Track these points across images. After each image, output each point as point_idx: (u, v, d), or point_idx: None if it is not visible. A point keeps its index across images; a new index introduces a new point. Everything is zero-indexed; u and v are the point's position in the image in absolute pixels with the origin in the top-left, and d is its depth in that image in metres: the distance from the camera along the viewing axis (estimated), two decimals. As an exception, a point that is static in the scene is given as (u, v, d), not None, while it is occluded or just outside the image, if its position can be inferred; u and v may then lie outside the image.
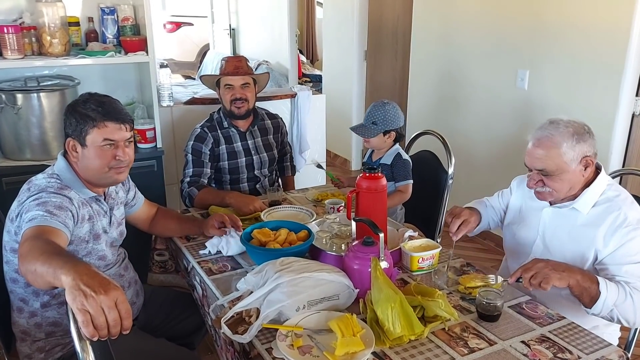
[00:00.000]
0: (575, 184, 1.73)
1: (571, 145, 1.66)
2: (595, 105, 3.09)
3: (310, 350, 1.39)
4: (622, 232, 1.66)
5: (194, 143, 2.57)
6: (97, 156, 1.72)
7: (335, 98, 5.30)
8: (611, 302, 1.59)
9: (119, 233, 1.92)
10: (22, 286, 1.71)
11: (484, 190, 3.87)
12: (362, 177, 1.86)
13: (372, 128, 2.41)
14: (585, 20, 3.07)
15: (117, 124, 1.73)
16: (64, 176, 1.73)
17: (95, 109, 1.71)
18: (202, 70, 6.45)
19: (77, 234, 1.69)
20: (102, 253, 1.79)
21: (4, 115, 2.66)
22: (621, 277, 1.64)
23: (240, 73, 2.56)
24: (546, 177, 1.72)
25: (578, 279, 1.59)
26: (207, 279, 1.80)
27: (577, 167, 1.69)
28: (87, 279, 1.14)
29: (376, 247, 1.60)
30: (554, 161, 1.68)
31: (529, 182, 1.78)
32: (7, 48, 2.61)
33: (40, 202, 1.59)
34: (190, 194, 2.45)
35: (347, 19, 5.24)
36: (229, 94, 2.56)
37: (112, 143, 1.73)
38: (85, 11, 2.99)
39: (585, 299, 1.61)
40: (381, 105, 2.42)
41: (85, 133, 1.70)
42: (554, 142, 1.67)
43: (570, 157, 1.67)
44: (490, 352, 1.43)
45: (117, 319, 1.13)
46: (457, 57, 4.01)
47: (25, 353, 1.76)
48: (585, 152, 1.68)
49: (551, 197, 1.77)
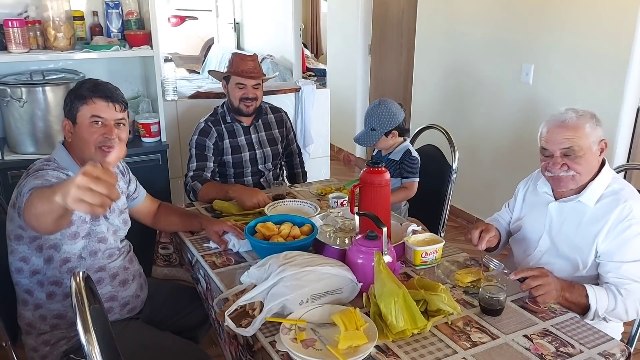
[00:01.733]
0: (592, 168, 1.74)
1: (593, 126, 1.71)
2: (600, 100, 3.08)
3: (313, 343, 1.39)
4: (624, 225, 1.67)
5: (198, 137, 2.58)
6: (86, 133, 1.73)
7: (339, 92, 5.29)
8: (602, 311, 1.64)
9: (121, 221, 1.93)
10: (28, 275, 1.73)
11: (488, 184, 3.89)
12: (365, 172, 1.86)
13: (372, 134, 2.43)
14: (591, 14, 3.06)
15: (106, 101, 1.74)
16: (60, 159, 1.76)
17: (88, 88, 1.74)
18: (206, 64, 6.45)
19: (78, 213, 1.70)
20: (101, 235, 1.80)
21: (10, 109, 2.67)
22: (617, 278, 1.65)
23: (255, 76, 2.56)
24: (570, 158, 1.71)
25: (566, 296, 1.62)
26: (211, 273, 1.81)
27: (596, 150, 1.72)
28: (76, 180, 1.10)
29: (379, 241, 1.61)
30: (581, 140, 1.70)
31: (553, 167, 1.74)
32: (12, 42, 2.62)
33: (38, 176, 1.61)
34: (193, 188, 2.46)
35: (352, 13, 5.23)
36: (239, 92, 2.56)
37: (100, 120, 1.73)
38: (89, 5, 3.01)
39: (576, 310, 1.64)
40: (374, 109, 2.43)
41: (76, 110, 1.73)
42: (578, 122, 1.71)
43: (593, 138, 1.71)
44: (493, 346, 1.43)
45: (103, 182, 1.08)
46: (461, 51, 4.00)
47: (31, 346, 1.78)
48: (601, 135, 1.73)
49: (574, 182, 1.74)
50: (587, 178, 1.75)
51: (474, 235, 1.86)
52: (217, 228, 1.99)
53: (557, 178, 1.76)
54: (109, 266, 1.83)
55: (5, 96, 2.63)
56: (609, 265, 1.68)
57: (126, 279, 1.88)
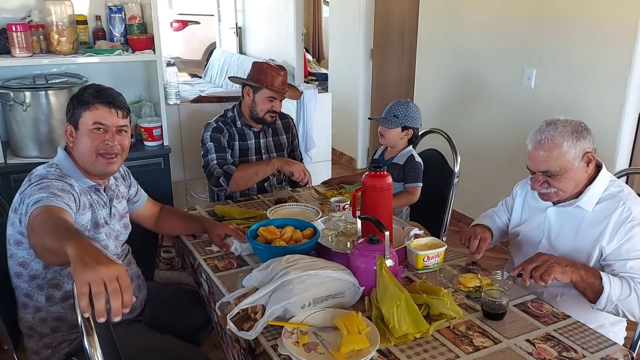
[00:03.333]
0: (580, 181, 1.74)
1: (572, 143, 1.68)
2: (602, 104, 3.08)
3: (315, 347, 1.39)
4: (626, 227, 1.67)
5: (212, 133, 2.57)
6: (87, 139, 1.72)
7: (341, 96, 5.30)
8: (615, 297, 1.61)
9: (122, 226, 1.93)
10: (27, 280, 1.72)
11: (489, 189, 3.88)
12: (367, 176, 1.86)
13: (393, 120, 2.43)
14: (593, 18, 3.06)
15: (108, 107, 1.73)
16: (63, 165, 1.75)
17: (91, 94, 1.74)
18: (208, 69, 6.46)
19: (80, 222, 1.70)
20: (103, 243, 1.80)
21: (13, 112, 2.68)
22: (626, 273, 1.65)
23: (285, 93, 2.61)
24: (550, 177, 1.72)
25: (582, 275, 1.61)
26: (213, 276, 1.81)
27: (580, 164, 1.70)
28: (91, 252, 1.17)
29: (382, 245, 1.61)
30: (557, 161, 1.69)
31: (534, 184, 1.78)
32: (15, 46, 2.63)
33: (42, 187, 1.60)
34: (226, 172, 2.47)
35: (354, 18, 5.24)
36: (269, 105, 2.58)
37: (102, 127, 1.73)
38: (93, 9, 3.02)
39: (589, 295, 1.63)
40: (404, 102, 2.47)
41: (79, 116, 1.72)
42: (554, 142, 1.68)
43: (573, 155, 1.68)
44: (495, 350, 1.43)
45: (117, 289, 1.12)
46: (463, 55, 4.00)
47: (32, 349, 1.78)
48: (585, 148, 1.70)
49: (557, 197, 1.77)
50: (574, 191, 1.76)
51: (473, 244, 1.87)
52: (219, 231, 1.99)
53: (541, 193, 1.80)
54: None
55: (9, 100, 2.64)
56: (616, 264, 1.68)
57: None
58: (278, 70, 2.59)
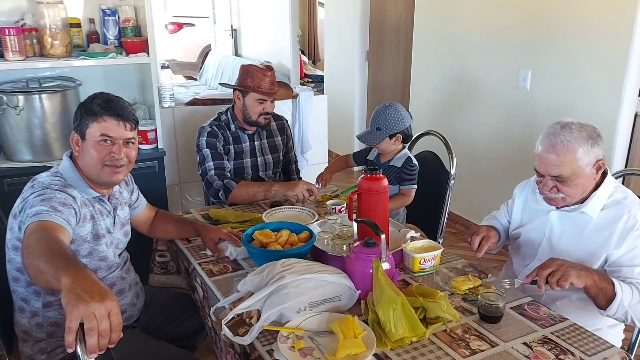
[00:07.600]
0: (587, 187, 1.71)
1: (587, 150, 1.64)
2: (598, 106, 3.08)
3: (311, 352, 1.38)
4: (634, 236, 1.66)
5: (207, 138, 2.54)
6: (93, 150, 1.71)
7: (337, 98, 5.30)
8: (626, 303, 1.59)
9: (123, 233, 1.92)
10: (24, 285, 1.71)
11: (486, 190, 3.89)
12: (363, 178, 1.85)
13: (377, 134, 2.40)
14: (588, 19, 3.06)
15: (117, 120, 1.72)
16: (67, 175, 1.73)
17: (100, 104, 1.72)
18: (204, 71, 6.44)
19: (79, 233, 1.69)
20: (103, 254, 1.79)
21: (6, 116, 2.66)
22: (634, 279, 1.64)
23: (275, 93, 2.58)
24: (561, 183, 1.68)
25: (595, 279, 1.58)
26: (208, 280, 1.79)
27: (590, 171, 1.67)
28: (86, 285, 1.14)
29: (378, 248, 1.60)
30: (570, 167, 1.65)
31: (542, 188, 1.73)
32: (8, 50, 2.62)
33: (45, 198, 1.59)
34: (226, 186, 2.44)
35: (349, 19, 5.24)
36: (260, 107, 2.55)
37: (110, 139, 1.72)
38: (86, 12, 3.00)
39: (601, 301, 1.61)
40: (383, 110, 2.41)
41: (86, 126, 1.71)
42: (570, 147, 1.64)
43: (586, 161, 1.65)
44: (492, 353, 1.42)
45: (107, 330, 1.11)
46: (459, 57, 4.00)
47: (27, 354, 1.76)
48: (598, 155, 1.66)
49: (563, 202, 1.74)
50: (580, 197, 1.73)
51: (474, 241, 1.85)
52: (213, 235, 1.98)
53: (548, 198, 1.76)
54: (107, 277, 1.82)
55: (2, 104, 2.62)
56: (623, 270, 1.67)
57: (123, 288, 1.87)
58: (264, 71, 2.57)
